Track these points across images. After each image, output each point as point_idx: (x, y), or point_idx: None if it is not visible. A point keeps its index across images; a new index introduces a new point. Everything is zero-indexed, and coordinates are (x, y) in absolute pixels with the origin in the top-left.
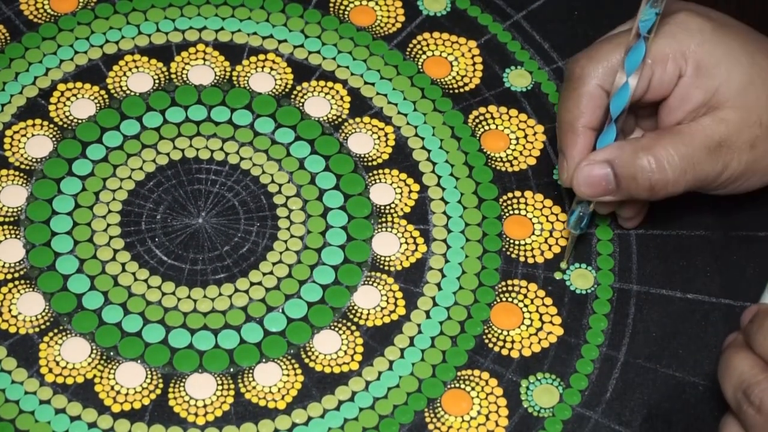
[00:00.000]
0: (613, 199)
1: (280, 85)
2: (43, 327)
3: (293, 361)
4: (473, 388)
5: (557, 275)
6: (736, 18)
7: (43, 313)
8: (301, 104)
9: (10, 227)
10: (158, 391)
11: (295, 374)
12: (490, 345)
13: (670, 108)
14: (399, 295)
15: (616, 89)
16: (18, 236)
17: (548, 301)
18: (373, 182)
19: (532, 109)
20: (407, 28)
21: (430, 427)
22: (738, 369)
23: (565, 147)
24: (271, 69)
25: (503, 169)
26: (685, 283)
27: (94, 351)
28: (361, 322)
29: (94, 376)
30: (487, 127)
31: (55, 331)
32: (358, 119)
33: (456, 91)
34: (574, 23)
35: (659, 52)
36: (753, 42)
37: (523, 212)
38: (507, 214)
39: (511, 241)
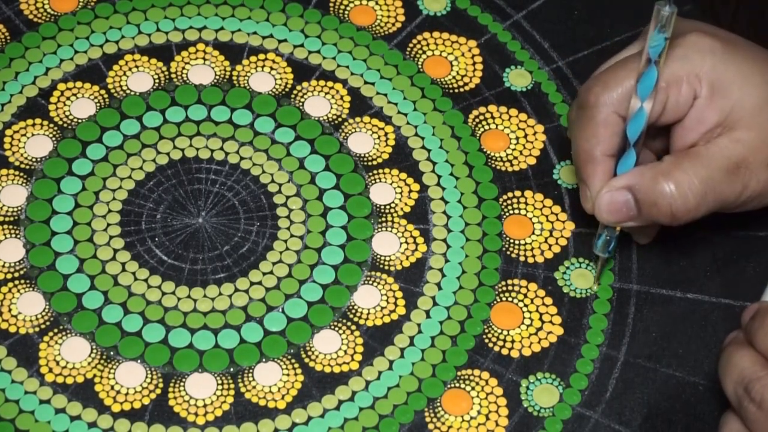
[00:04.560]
0: (635, 225)
1: (280, 85)
2: (43, 327)
3: (293, 360)
4: (473, 388)
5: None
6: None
7: (43, 313)
8: (301, 104)
9: (10, 227)
10: (158, 391)
11: (295, 374)
12: (490, 345)
13: (685, 129)
14: (399, 294)
15: (631, 115)
16: (18, 236)
17: (548, 300)
18: (373, 182)
19: (532, 109)
20: (407, 27)
21: (430, 426)
22: (739, 365)
23: (585, 176)
24: (271, 69)
25: (503, 168)
26: (685, 283)
27: (94, 351)
28: (361, 322)
29: (94, 375)
30: (487, 127)
31: (55, 330)
32: (358, 119)
33: (456, 90)
34: (574, 23)
35: (673, 75)
36: (762, 60)
37: (523, 212)
38: (507, 214)
39: (511, 240)
